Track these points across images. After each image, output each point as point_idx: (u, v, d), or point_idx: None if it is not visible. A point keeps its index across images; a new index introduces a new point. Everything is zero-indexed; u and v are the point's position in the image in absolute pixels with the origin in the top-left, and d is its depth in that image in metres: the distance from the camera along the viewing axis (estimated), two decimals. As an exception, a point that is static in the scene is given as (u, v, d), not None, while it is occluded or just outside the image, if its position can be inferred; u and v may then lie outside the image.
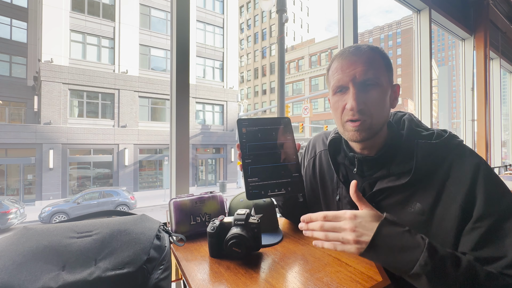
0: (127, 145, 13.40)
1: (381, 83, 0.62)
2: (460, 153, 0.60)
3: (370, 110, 0.61)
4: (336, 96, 0.66)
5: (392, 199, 0.63)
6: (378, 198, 0.65)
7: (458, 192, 0.56)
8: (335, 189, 0.75)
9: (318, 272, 0.58)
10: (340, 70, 0.63)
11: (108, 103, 13.33)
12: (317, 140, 0.87)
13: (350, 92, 0.62)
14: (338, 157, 0.75)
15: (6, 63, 14.84)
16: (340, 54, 0.66)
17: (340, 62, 0.64)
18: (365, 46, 0.64)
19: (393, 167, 0.63)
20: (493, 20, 3.68)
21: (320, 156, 0.82)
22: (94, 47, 13.21)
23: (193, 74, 15.53)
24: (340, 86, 0.64)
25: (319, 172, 0.81)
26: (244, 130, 0.67)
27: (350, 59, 0.63)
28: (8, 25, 14.87)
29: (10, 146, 11.48)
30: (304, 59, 29.29)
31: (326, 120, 25.95)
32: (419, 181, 0.60)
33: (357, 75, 0.61)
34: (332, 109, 0.69)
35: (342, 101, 0.64)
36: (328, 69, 0.70)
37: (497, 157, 4.17)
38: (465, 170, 0.57)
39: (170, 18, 1.25)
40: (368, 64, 0.61)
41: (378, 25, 71.93)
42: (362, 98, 0.61)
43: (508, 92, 5.08)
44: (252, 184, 0.64)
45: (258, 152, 0.67)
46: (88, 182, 12.94)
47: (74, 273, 0.48)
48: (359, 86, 0.61)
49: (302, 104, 24.15)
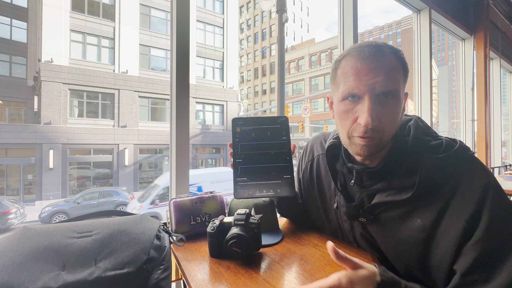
0: (127, 145, 13.41)
1: (398, 96, 0.56)
2: (470, 169, 0.54)
3: (382, 127, 0.55)
4: (345, 104, 0.58)
5: (392, 213, 0.59)
6: (377, 210, 0.61)
7: (463, 211, 0.51)
8: (332, 196, 0.72)
9: (318, 272, 0.58)
10: (356, 76, 0.55)
11: (108, 103, 13.33)
12: (315, 143, 0.83)
13: (365, 104, 0.54)
14: (337, 164, 0.70)
15: (6, 63, 14.84)
16: (357, 52, 0.56)
17: (356, 63, 0.56)
18: (387, 48, 0.56)
19: (395, 180, 0.58)
20: (493, 20, 3.68)
21: (318, 160, 0.79)
22: (94, 47, 13.21)
23: (193, 74, 15.53)
24: (353, 94, 0.56)
25: (316, 176, 0.78)
26: (238, 129, 0.66)
27: (370, 64, 0.54)
28: (8, 25, 14.87)
29: (10, 146, 11.49)
30: (304, 59, 29.29)
31: (326, 120, 25.94)
32: (421, 197, 0.55)
33: (377, 86, 0.54)
34: (339, 116, 0.61)
35: (353, 112, 0.57)
36: (337, 64, 0.61)
37: (497, 157, 4.18)
38: (473, 189, 0.52)
39: (170, 18, 1.25)
40: (390, 73, 0.54)
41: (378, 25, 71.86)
42: (377, 113, 0.54)
43: (508, 92, 5.08)
44: (240, 184, 0.63)
45: (250, 152, 0.65)
46: (88, 182, 12.95)
47: (74, 273, 0.48)
48: (375, 99, 0.55)
49: (302, 104, 24.15)
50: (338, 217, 0.71)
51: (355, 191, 0.67)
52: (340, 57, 0.61)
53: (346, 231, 0.70)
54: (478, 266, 0.49)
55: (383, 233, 0.61)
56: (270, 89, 32.63)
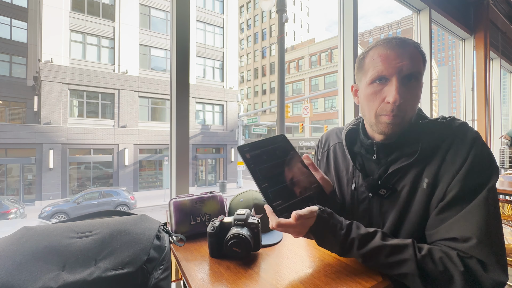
0: (127, 145, 13.40)
1: (420, 79, 0.64)
2: (463, 130, 0.63)
3: (406, 107, 0.63)
4: (373, 86, 0.65)
5: (406, 180, 0.65)
6: (393, 180, 0.66)
7: (454, 163, 0.59)
8: (350, 179, 0.76)
9: (318, 272, 0.58)
10: (384, 60, 0.62)
11: (108, 103, 13.32)
12: (330, 134, 0.89)
13: (392, 84, 0.62)
14: (354, 147, 0.78)
15: (6, 63, 14.83)
16: (385, 42, 0.64)
17: (384, 51, 0.63)
18: (410, 40, 0.65)
19: (405, 149, 0.66)
20: (493, 20, 3.68)
21: (334, 149, 0.85)
22: (94, 47, 13.20)
23: (193, 74, 15.53)
24: (382, 77, 0.63)
25: (333, 164, 0.83)
26: (248, 156, 0.64)
27: (397, 50, 0.62)
28: (8, 25, 14.86)
29: (10, 146, 11.48)
30: (304, 59, 29.27)
31: (326, 120, 25.93)
32: (426, 158, 0.63)
33: (404, 68, 0.61)
34: (366, 99, 0.68)
35: (381, 93, 0.64)
36: (364, 54, 0.69)
37: (497, 157, 4.18)
38: (465, 142, 0.60)
39: (170, 18, 1.25)
40: (414, 59, 0.62)
41: (378, 25, 71.82)
42: (404, 93, 0.62)
43: (508, 92, 5.08)
44: (279, 208, 0.58)
45: (271, 174, 0.63)
46: (88, 182, 12.94)
47: (74, 273, 0.48)
48: (402, 80, 0.62)
49: (302, 104, 24.15)
50: (355, 198, 0.74)
51: (372, 169, 0.73)
52: (368, 48, 0.69)
53: (361, 214, 0.72)
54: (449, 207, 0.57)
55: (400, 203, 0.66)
56: (270, 89, 32.61)
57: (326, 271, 0.58)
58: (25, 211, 9.75)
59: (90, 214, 0.71)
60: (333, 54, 25.70)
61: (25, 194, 12.09)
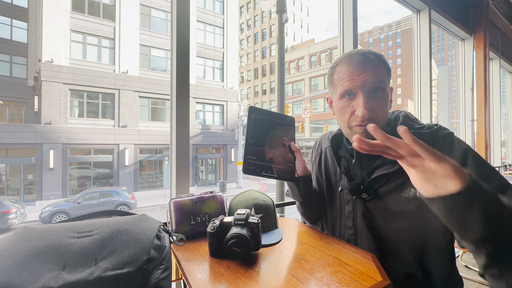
0: (127, 145, 13.41)
1: (385, 90, 0.68)
2: (450, 140, 0.65)
3: (376, 116, 0.66)
4: (343, 101, 0.70)
5: (389, 186, 0.68)
6: (376, 185, 0.69)
7: None
8: (338, 181, 0.80)
9: (318, 272, 0.58)
10: (349, 77, 0.67)
11: (108, 103, 13.33)
12: (323, 138, 0.94)
13: (359, 98, 0.66)
14: (340, 151, 0.82)
15: (7, 63, 14.84)
16: (348, 59, 0.69)
17: (348, 68, 0.68)
18: (371, 54, 0.68)
19: None
20: (492, 20, 3.68)
21: (325, 152, 0.89)
22: (95, 47, 13.21)
23: (193, 74, 15.53)
24: (349, 92, 0.68)
25: (324, 166, 0.87)
26: (253, 116, 0.72)
27: (359, 67, 0.66)
28: (9, 25, 14.87)
29: (10, 146, 11.49)
30: (304, 59, 29.27)
31: (326, 120, 25.93)
32: None
33: (368, 82, 0.65)
34: (339, 112, 0.72)
35: (350, 107, 0.68)
36: (332, 70, 0.74)
37: (496, 157, 4.18)
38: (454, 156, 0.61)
39: (170, 18, 1.25)
40: (376, 72, 0.66)
41: (378, 26, 71.90)
42: (370, 105, 0.66)
43: (507, 92, 5.08)
44: (249, 161, 0.69)
45: (261, 137, 0.72)
46: (88, 182, 12.95)
47: (75, 273, 0.48)
48: (367, 93, 0.66)
49: (302, 104, 24.14)
50: (342, 200, 0.78)
51: (357, 172, 0.76)
52: (334, 64, 0.73)
53: (347, 214, 0.75)
54: None
55: (383, 208, 0.68)
56: (270, 89, 32.62)
57: (326, 271, 0.58)
58: (25, 211, 9.75)
59: (90, 214, 0.71)
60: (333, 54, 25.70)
61: (26, 194, 12.10)
